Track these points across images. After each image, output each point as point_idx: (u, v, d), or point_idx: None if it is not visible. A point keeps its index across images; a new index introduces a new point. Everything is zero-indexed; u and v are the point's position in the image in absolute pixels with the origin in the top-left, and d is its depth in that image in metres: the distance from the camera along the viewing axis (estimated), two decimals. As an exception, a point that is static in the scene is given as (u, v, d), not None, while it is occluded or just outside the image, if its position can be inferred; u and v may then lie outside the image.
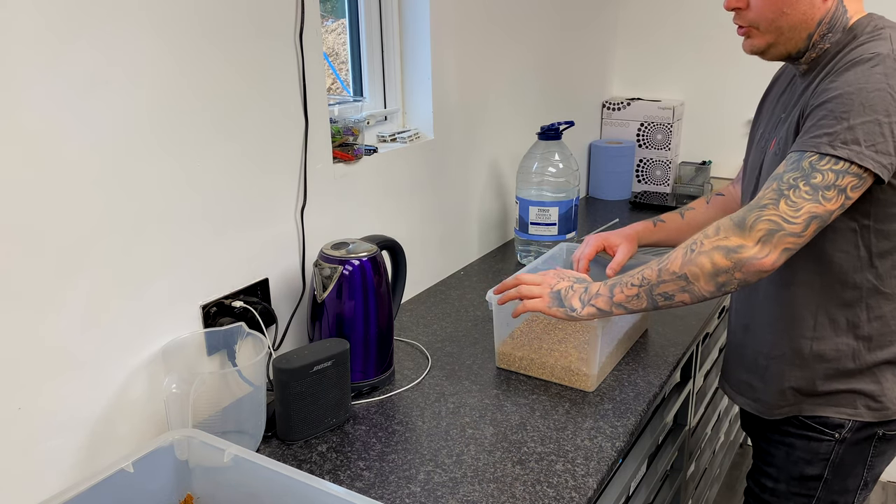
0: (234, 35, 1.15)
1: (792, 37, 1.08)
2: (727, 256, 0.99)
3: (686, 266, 1.03)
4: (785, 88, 1.22)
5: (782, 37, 1.08)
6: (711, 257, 1.01)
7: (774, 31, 1.07)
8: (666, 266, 1.05)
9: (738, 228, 0.99)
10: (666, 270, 1.05)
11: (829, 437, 1.16)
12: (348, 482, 1.06)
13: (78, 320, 0.99)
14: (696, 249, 1.02)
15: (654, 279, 1.07)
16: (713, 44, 2.48)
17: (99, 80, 0.96)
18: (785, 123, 1.12)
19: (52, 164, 0.93)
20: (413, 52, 1.66)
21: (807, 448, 1.18)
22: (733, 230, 0.99)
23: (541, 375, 1.33)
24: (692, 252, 1.02)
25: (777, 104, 1.22)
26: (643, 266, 1.10)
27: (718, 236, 1.00)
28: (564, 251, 1.60)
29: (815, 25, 1.06)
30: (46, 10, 0.89)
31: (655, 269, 1.07)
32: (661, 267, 1.06)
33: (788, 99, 1.17)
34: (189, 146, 1.11)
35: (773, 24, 1.07)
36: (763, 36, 1.09)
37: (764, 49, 1.11)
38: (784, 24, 1.06)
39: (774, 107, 1.22)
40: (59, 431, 0.99)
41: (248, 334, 1.18)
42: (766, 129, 1.21)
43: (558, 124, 1.85)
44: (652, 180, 2.59)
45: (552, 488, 1.04)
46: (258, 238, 1.26)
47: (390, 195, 1.59)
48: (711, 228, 1.02)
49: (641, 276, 1.09)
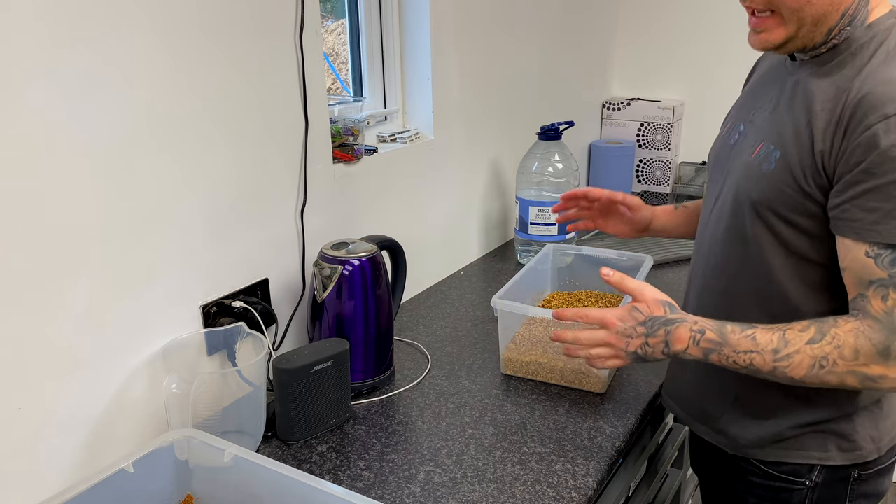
0: (234, 35, 1.15)
1: (813, 30, 0.93)
2: (862, 382, 0.89)
3: (811, 378, 0.91)
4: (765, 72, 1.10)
5: (803, 29, 0.93)
6: (843, 379, 0.89)
7: (797, 23, 0.93)
8: (783, 370, 0.91)
9: (882, 357, 0.87)
10: (782, 373, 0.92)
11: (800, 486, 1.05)
12: (348, 482, 1.06)
13: (78, 320, 0.99)
14: (826, 367, 0.89)
15: (766, 371, 0.93)
16: (713, 44, 2.48)
17: (97, 79, 0.96)
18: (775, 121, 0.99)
19: (51, 165, 0.93)
20: (413, 52, 1.66)
21: (777, 499, 1.07)
22: (876, 359, 0.87)
23: (549, 380, 1.32)
24: (821, 368, 0.89)
25: (752, 91, 1.10)
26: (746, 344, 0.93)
27: (857, 361, 0.88)
28: (551, 252, 1.60)
29: (839, 17, 0.92)
30: (44, 10, 0.89)
31: (769, 365, 0.92)
32: (775, 366, 0.91)
33: (774, 88, 1.04)
34: (189, 146, 1.11)
35: (797, 15, 0.92)
36: (784, 28, 0.94)
37: (780, 44, 0.95)
38: (808, 14, 0.91)
39: (749, 94, 1.11)
40: (59, 431, 0.99)
41: (248, 334, 1.18)
42: (738, 119, 1.09)
43: (558, 124, 1.85)
44: (652, 180, 2.59)
45: (552, 488, 1.04)
46: (258, 238, 1.26)
47: (390, 195, 1.59)
48: (849, 349, 0.88)
49: (750, 360, 0.93)
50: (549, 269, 1.61)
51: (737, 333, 0.93)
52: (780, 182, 0.94)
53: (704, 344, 0.95)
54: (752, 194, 0.98)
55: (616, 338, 1.00)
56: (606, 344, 1.01)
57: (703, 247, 1.11)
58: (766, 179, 0.96)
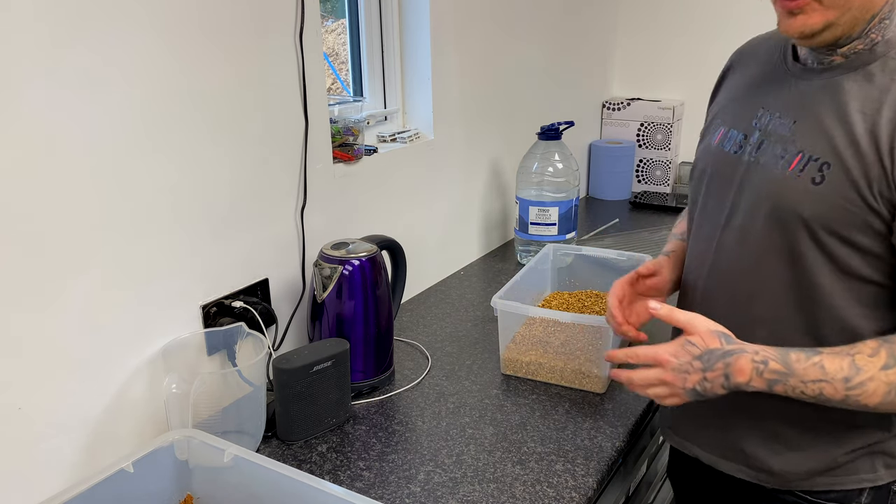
0: (235, 35, 1.15)
1: (857, 16, 0.85)
2: None
3: (886, 406, 0.86)
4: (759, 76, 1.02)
5: (847, 15, 0.84)
6: None
7: (840, 7, 0.84)
8: (857, 399, 0.86)
9: None
10: (856, 401, 0.86)
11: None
12: (348, 482, 1.06)
13: (78, 320, 0.99)
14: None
15: (838, 400, 0.87)
16: (713, 43, 2.48)
17: (97, 79, 0.96)
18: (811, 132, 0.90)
19: (51, 165, 0.93)
20: (413, 52, 1.66)
21: None
22: None
23: (549, 380, 1.32)
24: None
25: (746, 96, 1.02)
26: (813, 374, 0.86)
27: None
28: (551, 252, 1.60)
29: (880, 8, 0.85)
30: (44, 10, 0.89)
31: (841, 394, 0.86)
32: (846, 395, 0.86)
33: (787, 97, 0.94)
34: (189, 146, 1.11)
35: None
36: (824, 12, 0.84)
37: (819, 30, 0.86)
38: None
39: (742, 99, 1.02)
40: (59, 431, 0.99)
41: (248, 334, 1.18)
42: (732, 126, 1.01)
43: (558, 124, 1.85)
44: (652, 180, 2.59)
45: (552, 488, 1.04)
46: (258, 238, 1.27)
47: (390, 195, 1.59)
48: None
49: (819, 390, 0.87)
50: (549, 269, 1.61)
51: (802, 362, 0.86)
52: (839, 197, 0.86)
53: (769, 375, 0.87)
54: (804, 212, 0.89)
55: (672, 375, 0.92)
56: (662, 383, 0.94)
57: (720, 276, 1.00)
58: (818, 195, 0.87)
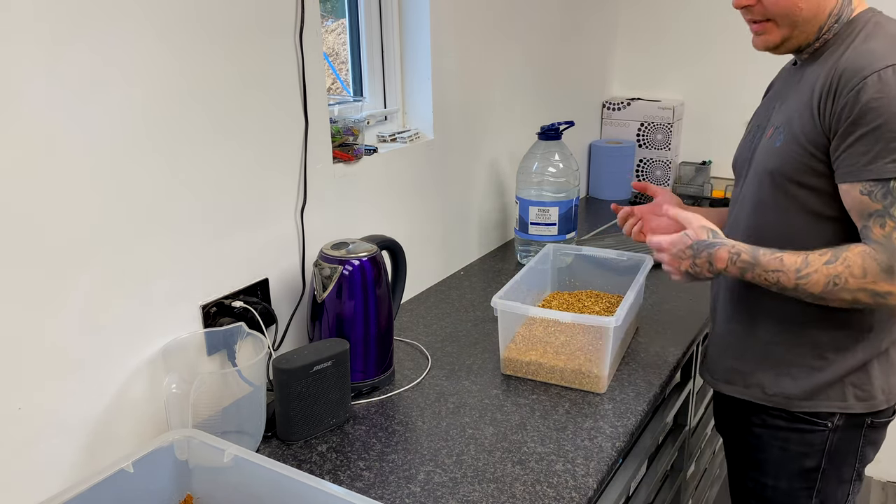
0: (235, 35, 1.15)
1: (805, 29, 1.10)
2: (873, 299, 1.01)
3: (827, 294, 1.03)
4: (782, 83, 1.24)
5: (797, 30, 1.10)
6: (855, 296, 1.02)
7: (790, 25, 1.10)
8: (804, 288, 1.05)
9: (887, 275, 0.99)
10: (803, 290, 1.05)
11: (823, 427, 1.17)
12: (348, 482, 1.06)
13: (78, 320, 0.99)
14: (839, 284, 1.02)
15: (790, 289, 1.06)
16: (713, 44, 2.48)
17: (98, 80, 0.96)
18: (784, 110, 1.14)
19: (51, 165, 0.93)
20: (413, 53, 1.66)
21: (801, 440, 1.19)
22: (882, 276, 0.99)
23: (549, 380, 1.32)
24: (835, 286, 1.02)
25: (768, 99, 1.25)
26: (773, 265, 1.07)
27: (866, 279, 1.00)
28: (551, 252, 1.60)
29: (826, 17, 1.09)
30: (45, 9, 0.89)
31: (792, 283, 1.06)
32: (797, 283, 1.05)
33: (783, 89, 1.20)
34: (189, 146, 1.11)
35: (789, 19, 1.09)
36: (779, 31, 1.11)
37: (778, 44, 1.13)
38: (799, 17, 1.09)
39: (766, 102, 1.26)
40: (59, 431, 0.99)
41: (248, 334, 1.18)
42: (757, 122, 1.24)
43: (558, 124, 1.85)
44: (652, 180, 2.58)
45: (552, 488, 1.04)
46: (258, 238, 1.26)
47: (390, 195, 1.59)
48: (857, 268, 1.00)
49: (776, 279, 1.07)
50: (549, 269, 1.61)
51: (767, 255, 1.08)
52: (788, 150, 1.10)
53: (740, 264, 1.10)
54: (769, 166, 1.14)
55: (671, 259, 1.18)
56: (668, 264, 1.19)
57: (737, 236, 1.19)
58: (777, 152, 1.12)
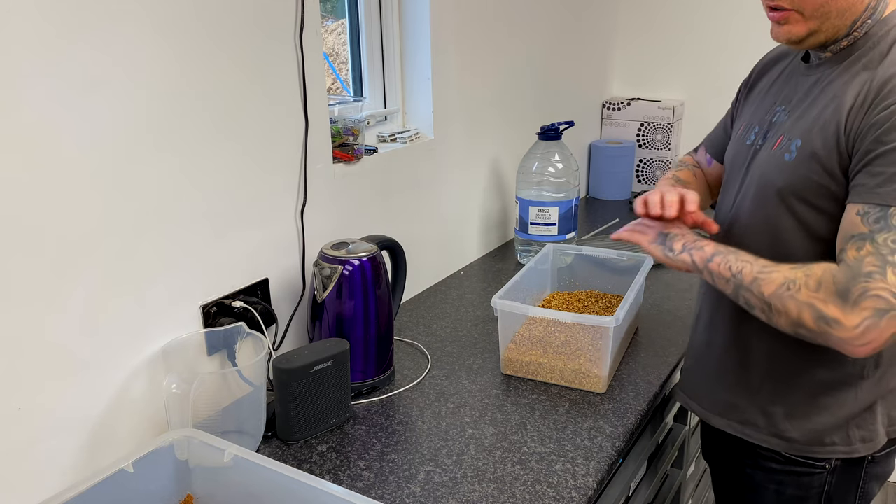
0: (235, 35, 1.15)
1: (836, 23, 0.95)
2: (816, 322, 0.89)
3: (775, 298, 0.92)
4: (778, 77, 1.11)
5: (827, 23, 0.95)
6: (801, 310, 0.90)
7: (820, 18, 0.94)
8: (759, 283, 0.95)
9: (840, 299, 0.86)
10: (757, 286, 0.95)
11: (821, 469, 1.07)
12: (348, 482, 1.06)
13: (78, 320, 0.99)
14: (791, 290, 0.91)
15: (746, 283, 0.96)
16: (713, 43, 2.48)
17: (99, 79, 0.96)
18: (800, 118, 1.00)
19: (51, 164, 0.93)
20: (413, 52, 1.66)
21: (798, 483, 1.09)
22: (833, 297, 0.87)
23: (549, 380, 1.32)
24: (787, 290, 0.91)
25: (767, 95, 1.12)
26: (747, 258, 0.98)
27: (818, 294, 0.88)
28: (551, 252, 1.60)
29: (863, 9, 0.94)
30: (45, 9, 0.89)
31: (751, 275, 0.95)
32: (756, 277, 0.95)
33: (793, 92, 1.05)
34: (189, 146, 1.11)
35: (821, 10, 0.93)
36: (805, 23, 0.95)
37: (803, 37, 0.97)
38: (833, 8, 0.93)
39: (764, 97, 1.12)
40: (59, 431, 0.99)
41: (248, 334, 1.18)
42: (753, 121, 1.11)
43: (558, 124, 1.85)
44: (652, 180, 2.58)
45: (552, 488, 1.04)
46: (258, 238, 1.27)
47: (390, 195, 1.59)
48: (814, 280, 0.89)
49: (741, 268, 0.97)
50: (549, 269, 1.61)
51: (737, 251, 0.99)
52: (802, 167, 0.97)
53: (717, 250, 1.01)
54: (777, 182, 1.01)
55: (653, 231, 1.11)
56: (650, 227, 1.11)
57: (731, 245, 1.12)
58: (788, 168, 0.99)
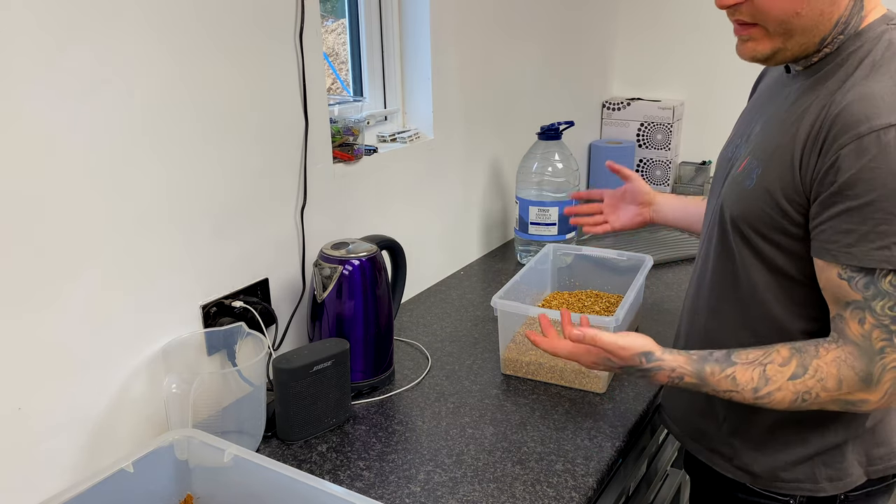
0: (235, 35, 1.15)
1: (803, 41, 0.88)
2: (843, 407, 0.89)
3: (791, 408, 0.90)
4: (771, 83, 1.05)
5: (791, 41, 0.88)
6: (824, 406, 0.89)
7: (783, 35, 0.88)
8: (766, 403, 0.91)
9: (865, 384, 0.86)
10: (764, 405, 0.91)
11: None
12: (348, 482, 1.06)
13: (78, 320, 0.99)
14: (808, 400, 0.88)
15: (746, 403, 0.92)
16: (713, 43, 2.48)
17: (98, 80, 0.96)
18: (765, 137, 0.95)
19: (51, 165, 0.93)
20: (413, 53, 1.66)
21: None
22: (859, 386, 0.86)
23: (549, 380, 1.32)
24: (804, 402, 0.89)
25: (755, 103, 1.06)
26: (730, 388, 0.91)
27: (840, 391, 0.87)
28: (551, 252, 1.60)
29: (832, 26, 0.87)
30: (45, 9, 0.89)
31: (750, 399, 0.91)
32: (757, 401, 0.91)
33: (769, 102, 1.00)
34: (189, 146, 1.11)
35: (783, 27, 0.87)
36: (770, 40, 0.89)
37: (768, 56, 0.91)
38: (796, 25, 0.86)
39: (753, 105, 1.07)
40: (59, 432, 0.99)
41: (248, 334, 1.18)
42: (738, 131, 1.06)
43: (558, 124, 1.85)
44: (652, 180, 2.59)
45: (552, 488, 1.04)
46: (258, 238, 1.27)
47: (390, 195, 1.59)
48: (832, 380, 0.86)
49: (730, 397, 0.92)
50: (549, 269, 1.61)
51: (717, 375, 0.92)
52: (759, 200, 0.92)
53: (685, 385, 0.95)
54: (734, 211, 0.96)
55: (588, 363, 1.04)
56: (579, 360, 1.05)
57: (699, 262, 1.09)
58: (746, 196, 0.94)
